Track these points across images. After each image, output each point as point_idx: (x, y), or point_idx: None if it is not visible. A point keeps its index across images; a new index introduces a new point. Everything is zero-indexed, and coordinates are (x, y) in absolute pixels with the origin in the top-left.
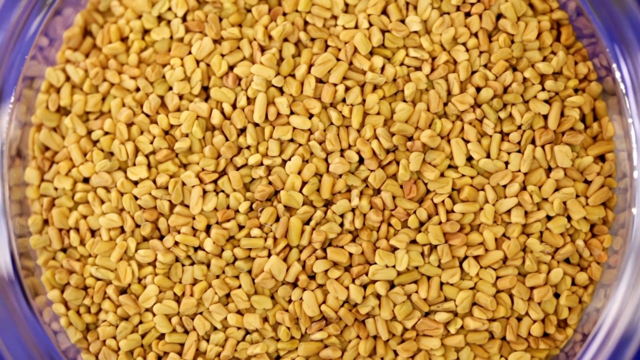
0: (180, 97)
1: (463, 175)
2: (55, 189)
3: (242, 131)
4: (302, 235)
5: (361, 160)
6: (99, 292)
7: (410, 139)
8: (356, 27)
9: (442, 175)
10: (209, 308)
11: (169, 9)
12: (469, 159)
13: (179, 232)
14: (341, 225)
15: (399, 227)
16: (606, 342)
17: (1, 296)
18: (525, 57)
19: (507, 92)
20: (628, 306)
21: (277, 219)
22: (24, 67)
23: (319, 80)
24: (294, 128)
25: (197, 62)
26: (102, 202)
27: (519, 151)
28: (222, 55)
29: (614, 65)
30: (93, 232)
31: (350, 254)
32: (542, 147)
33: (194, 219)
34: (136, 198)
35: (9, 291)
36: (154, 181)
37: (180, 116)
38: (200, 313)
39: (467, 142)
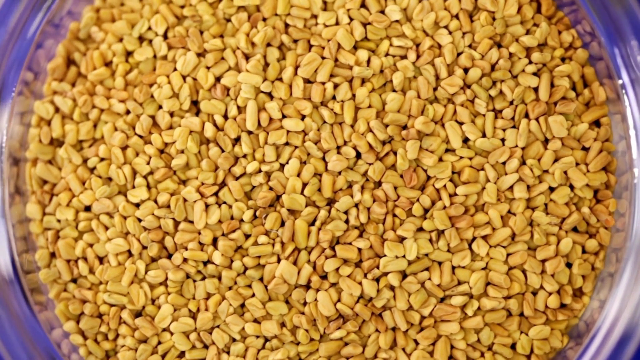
0: (171, 115)
1: (461, 158)
2: (58, 220)
3: (237, 141)
4: (309, 236)
5: (358, 155)
6: (114, 318)
7: (405, 127)
8: (337, 23)
9: (440, 160)
10: (226, 320)
11: (149, 28)
12: (465, 140)
13: (186, 249)
14: (346, 222)
15: (404, 217)
16: (606, 341)
17: (1, 296)
18: (509, 33)
19: (494, 70)
20: (628, 305)
21: (282, 224)
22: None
23: (307, 81)
24: (288, 131)
25: (184, 77)
26: (106, 228)
27: (513, 127)
28: (208, 68)
29: (598, 31)
30: (101, 259)
31: (359, 249)
32: (537, 119)
33: (199, 233)
34: (140, 220)
35: (9, 291)
36: (155, 201)
37: (173, 133)
38: (218, 326)
39: (461, 124)
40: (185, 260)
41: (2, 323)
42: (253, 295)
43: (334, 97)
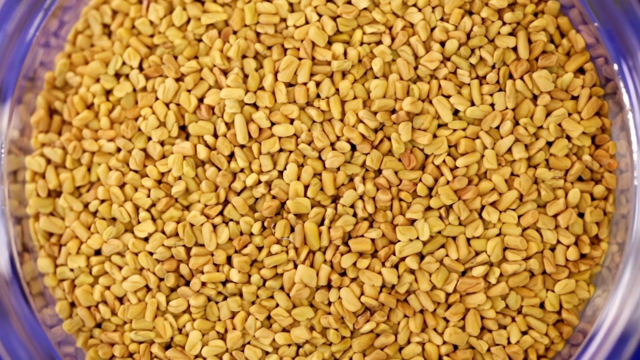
0: (162, 144)
1: (455, 130)
2: (71, 270)
3: (231, 157)
4: (321, 236)
5: (353, 148)
6: (145, 355)
7: (393, 111)
8: (307, 22)
9: (434, 136)
10: (255, 335)
11: (123, 63)
12: (456, 112)
13: (202, 273)
14: (354, 215)
15: (410, 200)
16: (606, 340)
17: (1, 296)
18: None
19: (470, 38)
20: (628, 304)
21: (292, 229)
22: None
23: (289, 84)
24: (280, 138)
25: (167, 105)
26: (120, 267)
27: (500, 90)
28: (189, 91)
29: None
30: (121, 299)
31: (373, 240)
32: (521, 78)
33: (212, 255)
34: (151, 253)
35: (9, 292)
36: (163, 231)
37: (167, 162)
38: (248, 343)
39: (448, 97)
40: (203, 284)
41: (2, 323)
42: (277, 305)
43: (318, 96)
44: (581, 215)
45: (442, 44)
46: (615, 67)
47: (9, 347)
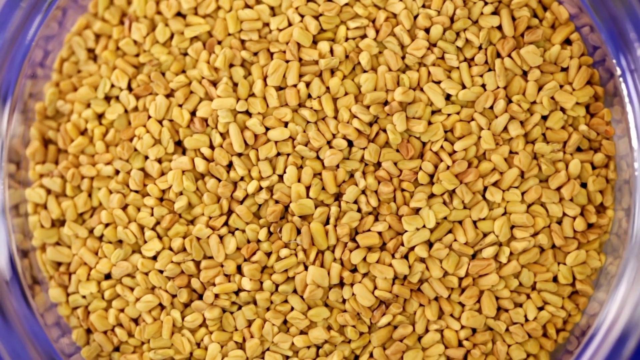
0: (159, 161)
1: (449, 115)
2: (84, 296)
3: (230, 166)
4: (328, 236)
5: (350, 143)
6: None
7: (386, 103)
8: (290, 24)
9: (429, 123)
10: (274, 341)
11: (112, 85)
12: (448, 97)
13: (214, 285)
14: (359, 210)
15: (412, 189)
16: (606, 339)
17: (1, 296)
18: None
19: (454, 21)
20: (628, 304)
21: (298, 232)
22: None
23: (279, 88)
24: (276, 142)
25: (160, 122)
26: (132, 289)
27: (490, 70)
28: (180, 106)
29: None
30: (136, 320)
31: (380, 233)
32: (509, 56)
33: (222, 266)
34: (161, 271)
35: (9, 292)
36: (170, 248)
37: (167, 179)
38: (268, 349)
39: (438, 82)
40: (216, 296)
41: (2, 323)
42: (292, 309)
43: (309, 96)
44: (584, 185)
45: (427, 30)
46: (602, 35)
47: (9, 347)
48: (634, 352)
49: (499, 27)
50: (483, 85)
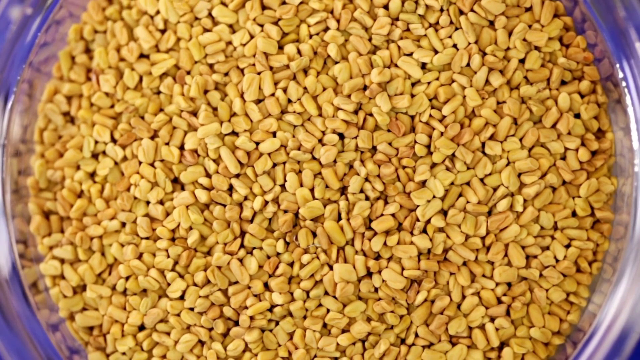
0: (161, 202)
1: (429, 83)
2: (123, 353)
3: (231, 189)
4: (343, 231)
5: (341, 136)
6: None
7: (365, 88)
8: (252, 36)
9: (412, 96)
10: (319, 346)
11: (96, 142)
12: (423, 66)
13: (247, 307)
14: (367, 199)
15: (412, 164)
16: (605, 339)
17: (1, 296)
18: None
19: None
20: (627, 303)
21: (314, 235)
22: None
23: (258, 101)
24: (269, 154)
25: (152, 164)
26: (168, 333)
27: (457, 29)
28: (167, 144)
29: None
30: None
31: (393, 215)
32: (472, 10)
33: (249, 288)
34: (192, 309)
35: (9, 292)
36: (195, 284)
37: (173, 218)
38: (315, 356)
39: (410, 54)
40: (251, 318)
41: (2, 323)
42: (328, 311)
43: (289, 101)
44: (577, 116)
45: (386, 7)
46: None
47: (9, 347)
48: (633, 351)
49: None
50: (455, 46)
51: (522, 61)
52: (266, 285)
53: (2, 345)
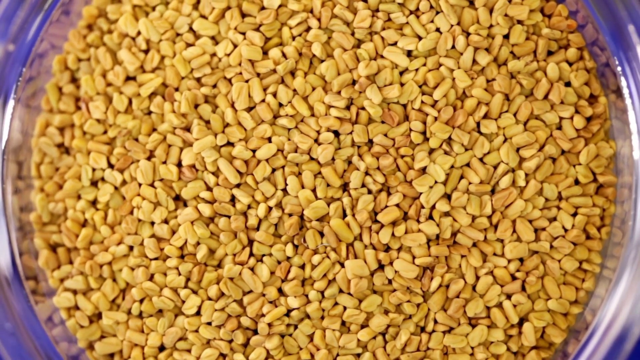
0: (166, 222)
1: (417, 70)
2: None
3: (233, 200)
4: (350, 227)
5: (336, 133)
6: None
7: (354, 82)
8: (235, 45)
9: (402, 84)
10: (340, 345)
11: (94, 170)
12: (409, 54)
13: (264, 315)
14: (369, 192)
15: (410, 152)
16: (604, 338)
17: (1, 296)
18: None
19: None
20: (627, 303)
21: (322, 235)
22: None
23: (249, 109)
24: (267, 160)
25: (152, 185)
26: (189, 351)
27: (438, 12)
28: (164, 162)
29: None
30: None
31: (397, 205)
32: None
33: (264, 295)
34: (209, 323)
35: (9, 292)
36: (209, 298)
37: (179, 235)
38: (338, 355)
39: (395, 44)
40: (270, 325)
41: (2, 323)
42: (345, 308)
43: (280, 105)
44: (568, 84)
45: (365, 0)
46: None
47: (9, 347)
48: (633, 350)
49: None
50: (438, 30)
51: (506, 37)
52: (280, 291)
53: (1, 344)
